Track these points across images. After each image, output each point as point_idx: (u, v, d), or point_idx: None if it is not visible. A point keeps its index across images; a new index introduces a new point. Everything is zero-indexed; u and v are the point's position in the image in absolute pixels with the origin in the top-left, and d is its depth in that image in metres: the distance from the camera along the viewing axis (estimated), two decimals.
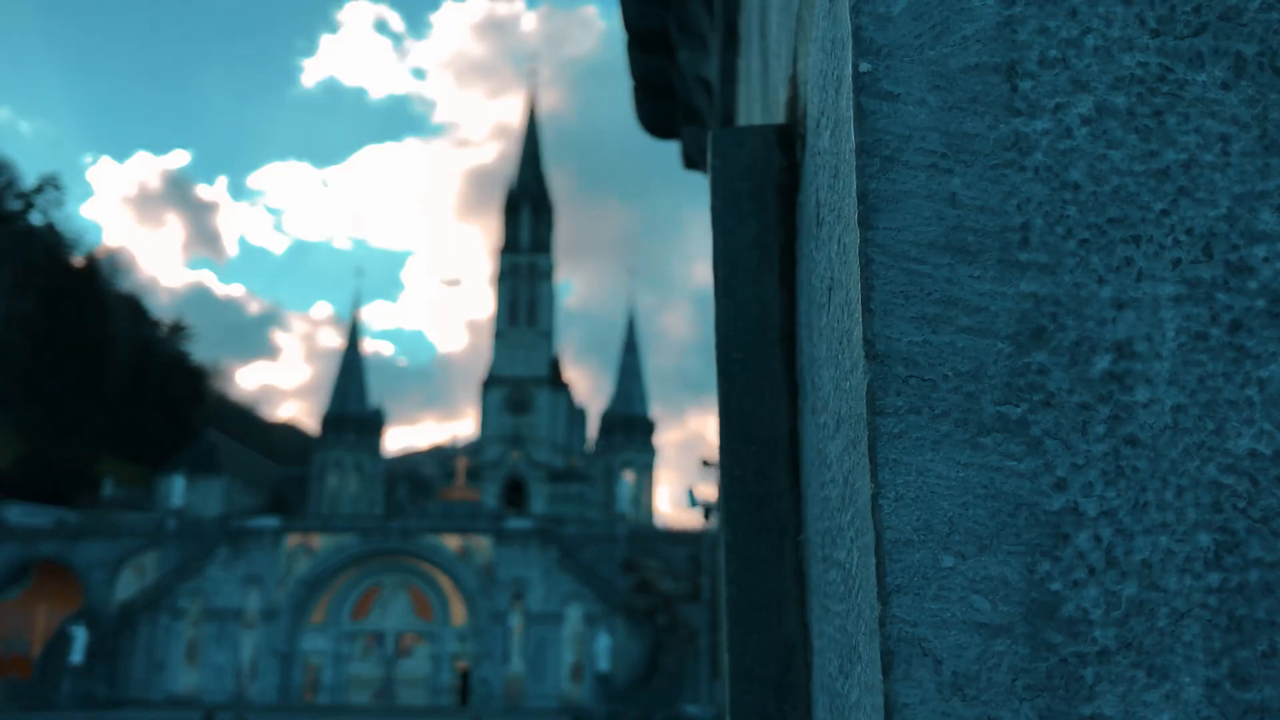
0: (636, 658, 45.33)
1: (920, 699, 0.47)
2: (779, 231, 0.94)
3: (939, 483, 0.49)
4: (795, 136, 0.92)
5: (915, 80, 0.54)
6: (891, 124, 0.53)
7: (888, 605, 0.48)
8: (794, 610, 0.86)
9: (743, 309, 0.93)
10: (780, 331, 0.92)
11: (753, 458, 0.90)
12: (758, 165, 0.96)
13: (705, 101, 3.00)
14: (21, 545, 47.22)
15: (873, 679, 0.51)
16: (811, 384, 0.77)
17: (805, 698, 0.84)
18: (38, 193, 71.99)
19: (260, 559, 46.58)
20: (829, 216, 0.66)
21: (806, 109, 0.83)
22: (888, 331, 0.51)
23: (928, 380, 0.50)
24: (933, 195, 0.52)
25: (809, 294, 0.80)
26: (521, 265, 77.61)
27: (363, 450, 67.80)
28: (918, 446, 0.49)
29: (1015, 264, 0.51)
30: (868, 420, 0.50)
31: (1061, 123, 0.53)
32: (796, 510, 0.88)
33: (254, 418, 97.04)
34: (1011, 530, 0.48)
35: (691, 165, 3.59)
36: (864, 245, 0.52)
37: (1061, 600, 0.47)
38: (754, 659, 0.85)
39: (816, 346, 0.74)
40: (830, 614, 0.68)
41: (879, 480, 0.49)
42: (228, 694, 44.64)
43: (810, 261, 0.77)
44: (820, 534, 0.73)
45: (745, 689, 0.85)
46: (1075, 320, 0.51)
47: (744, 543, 0.88)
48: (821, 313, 0.71)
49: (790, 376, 0.91)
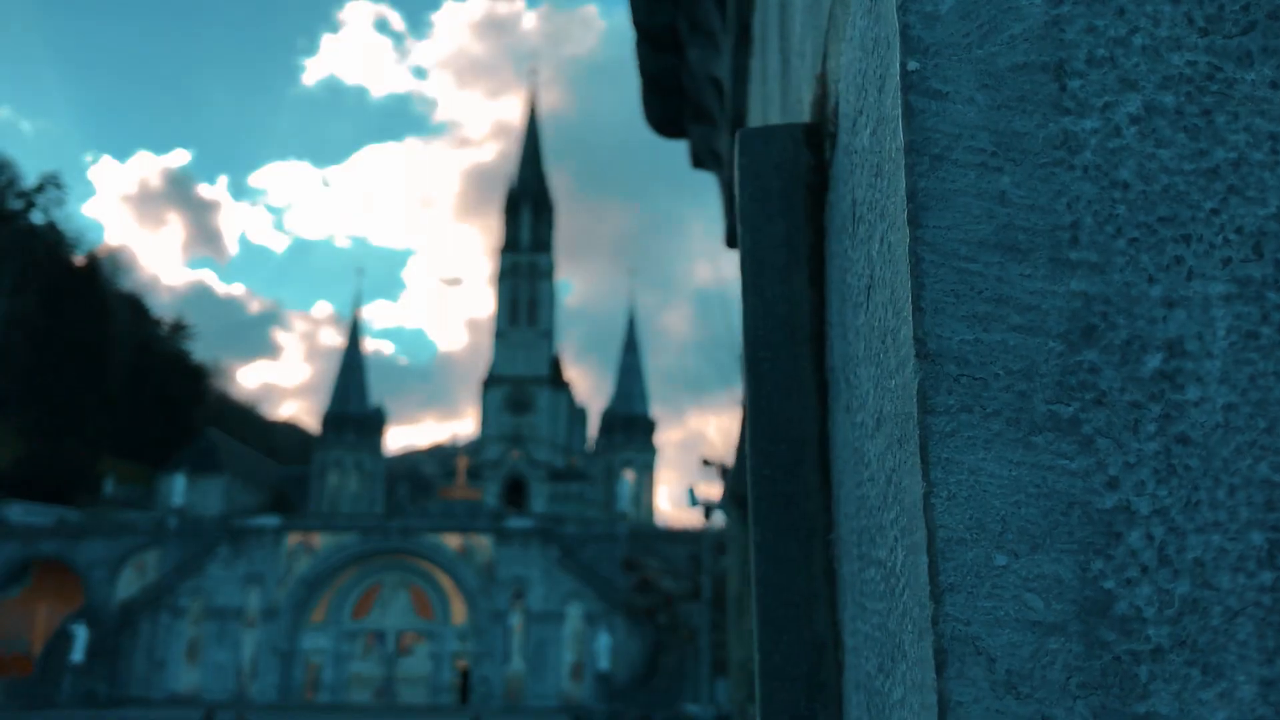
0: (636, 657, 45.33)
1: (974, 697, 0.47)
2: (807, 230, 0.94)
3: (991, 481, 0.49)
4: (824, 135, 0.92)
5: (963, 79, 0.54)
6: (940, 122, 0.53)
7: (940, 604, 0.48)
8: (824, 609, 0.86)
9: (771, 308, 0.93)
10: (809, 330, 0.92)
11: (782, 456, 0.90)
12: (785, 164, 0.96)
13: (715, 100, 3.00)
14: (22, 544, 47.24)
15: (922, 677, 0.51)
16: (846, 383, 0.77)
17: (836, 696, 0.84)
18: (39, 192, 71.99)
19: (261, 558, 46.60)
20: (869, 215, 0.66)
21: (839, 108, 0.83)
22: (939, 330, 0.51)
23: (979, 379, 0.50)
24: (982, 194, 0.52)
25: (842, 293, 0.80)
26: (522, 264, 77.58)
27: (363, 449, 67.80)
28: (970, 445, 0.49)
29: (1065, 262, 0.51)
30: (919, 419, 0.50)
31: (1110, 121, 0.53)
32: (826, 509, 0.88)
33: (255, 417, 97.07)
34: (1064, 529, 0.49)
35: (700, 164, 3.59)
36: (914, 244, 0.52)
37: (1115, 598, 0.47)
38: (784, 658, 0.85)
39: (852, 345, 0.74)
40: (867, 612, 0.68)
41: (931, 479, 0.49)
42: (228, 693, 44.65)
43: (845, 260, 0.77)
44: (856, 532, 0.73)
45: (776, 687, 0.85)
46: (1126, 319, 0.51)
47: (773, 542, 0.88)
48: (859, 311, 0.71)
49: (819, 375, 0.91)
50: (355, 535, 47.51)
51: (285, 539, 46.92)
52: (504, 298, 77.01)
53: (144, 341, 74.52)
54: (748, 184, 0.96)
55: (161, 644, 45.43)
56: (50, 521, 50.25)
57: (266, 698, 44.86)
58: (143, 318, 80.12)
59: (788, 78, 1.34)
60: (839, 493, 0.82)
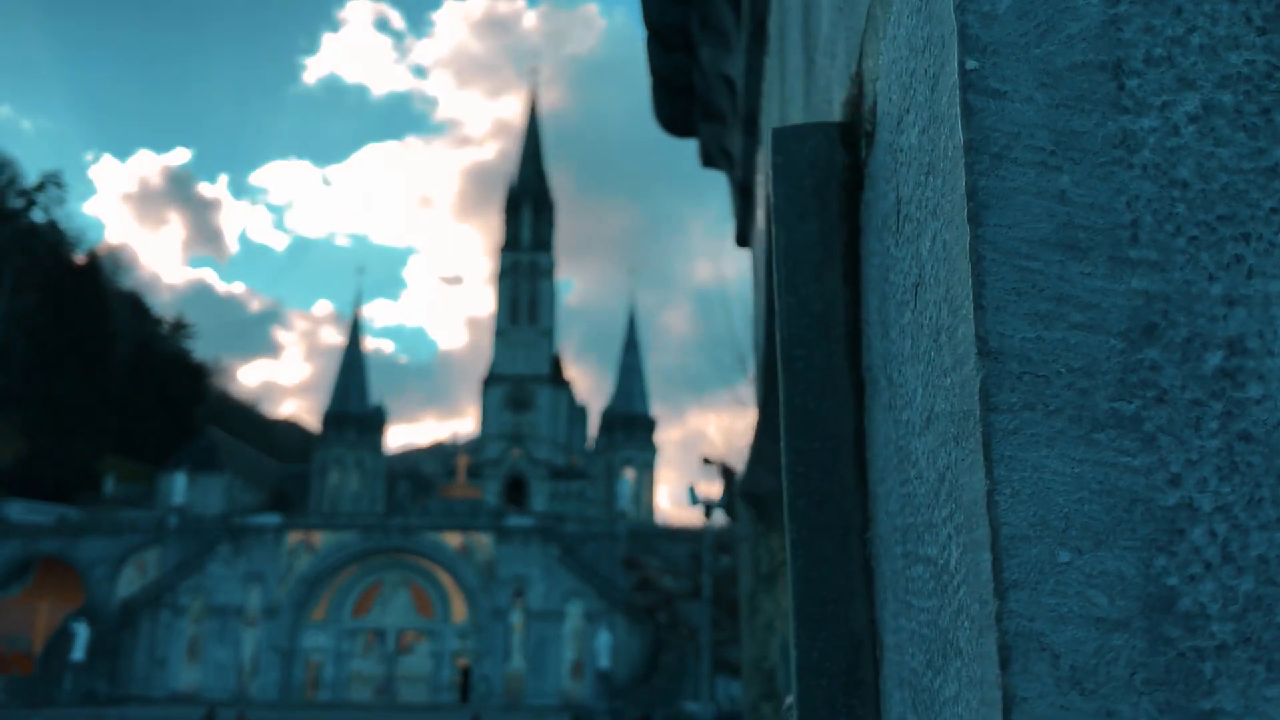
0: (637, 655, 45.38)
1: (1039, 693, 0.47)
2: (842, 228, 0.94)
3: (1054, 479, 0.49)
4: (860, 134, 0.93)
5: (1022, 78, 0.54)
6: (1000, 121, 0.54)
7: (1004, 600, 0.48)
8: (861, 606, 0.86)
9: (805, 305, 0.93)
10: (844, 328, 0.92)
11: (817, 454, 0.90)
12: (819, 162, 0.96)
13: (727, 99, 3.00)
14: (23, 542, 47.28)
15: (982, 673, 0.51)
16: (887, 381, 0.77)
17: (874, 693, 0.84)
18: (39, 190, 72.01)
19: (261, 556, 46.63)
20: (917, 213, 0.66)
21: (877, 106, 0.84)
22: (1000, 328, 0.51)
23: (1041, 377, 0.51)
24: (1042, 192, 0.53)
25: (882, 290, 0.80)
26: (522, 263, 77.61)
27: (364, 448, 67.85)
28: (1033, 443, 0.50)
29: (1125, 261, 0.52)
30: (981, 417, 0.51)
31: (1169, 120, 0.53)
32: (863, 506, 0.88)
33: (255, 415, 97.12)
34: (1127, 525, 0.49)
35: (709, 163, 3.59)
36: (974, 242, 0.52)
37: (1178, 595, 0.48)
38: (821, 654, 0.86)
39: (896, 343, 0.74)
40: (914, 609, 0.68)
41: (994, 476, 0.50)
42: (229, 691, 44.69)
43: (887, 258, 0.77)
44: (899, 530, 0.73)
45: (813, 684, 0.85)
46: (1186, 317, 0.51)
47: (809, 539, 0.89)
48: (904, 309, 0.71)
49: (855, 373, 0.91)
50: (356, 534, 47.53)
51: (286, 537, 46.94)
52: (504, 296, 77.04)
53: (145, 340, 74.57)
54: (782, 182, 0.97)
55: (162, 642, 45.47)
56: (51, 520, 50.27)
57: (267, 696, 44.90)
58: (143, 316, 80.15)
59: (813, 76, 1.34)
60: (878, 490, 0.82)
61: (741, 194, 3.14)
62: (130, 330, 71.51)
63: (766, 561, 2.22)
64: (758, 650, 2.21)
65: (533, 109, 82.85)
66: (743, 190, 3.10)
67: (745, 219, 3.31)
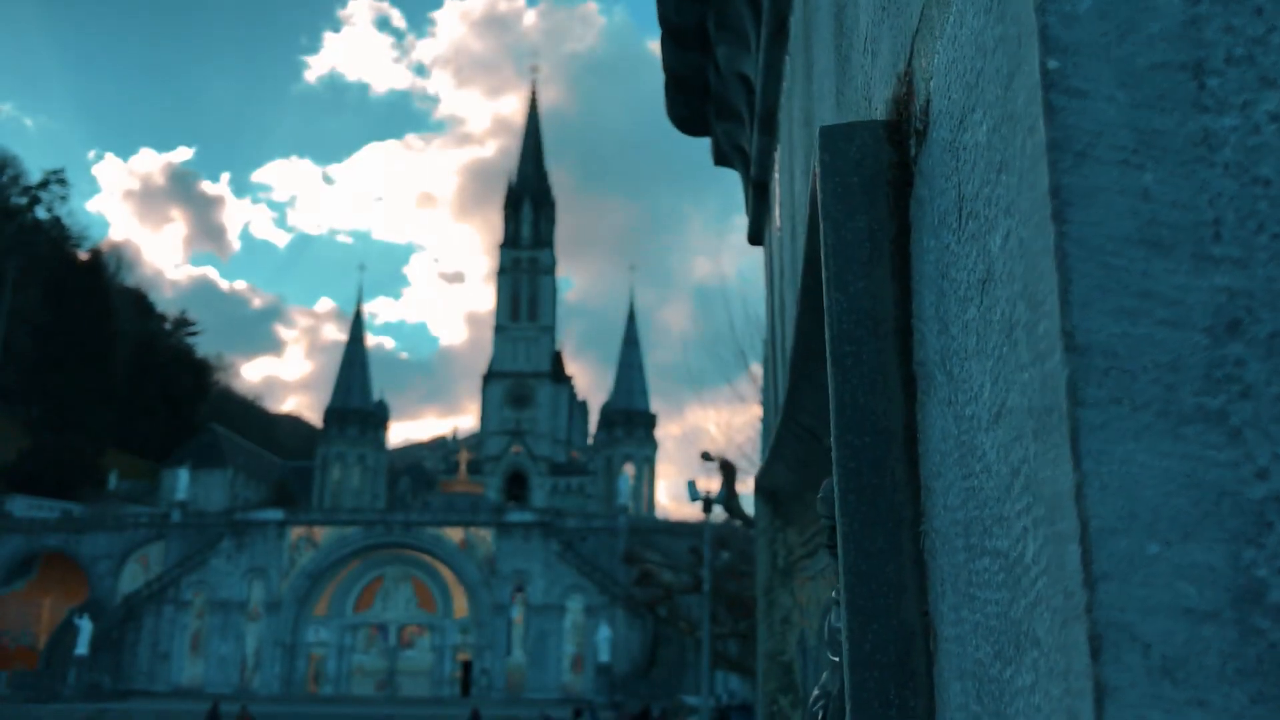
0: (636, 649, 45.50)
1: (1130, 682, 0.48)
2: (890, 225, 0.95)
3: (1142, 472, 0.50)
4: (908, 132, 0.93)
5: (1103, 78, 0.55)
6: (1082, 120, 0.54)
7: (1095, 591, 0.49)
8: (913, 599, 0.87)
9: (854, 302, 0.94)
10: (893, 324, 0.93)
11: (868, 450, 0.91)
12: (867, 160, 0.97)
13: (742, 98, 3.00)
14: (27, 537, 47.37)
15: (1067, 663, 0.52)
16: (947, 376, 0.78)
17: (926, 684, 0.85)
18: (42, 188, 72.02)
19: (264, 551, 46.71)
20: (986, 210, 0.67)
21: (931, 104, 0.84)
22: (1087, 324, 0.52)
23: (1128, 372, 0.51)
24: (1125, 190, 0.53)
25: (940, 287, 0.81)
26: (523, 260, 77.63)
27: (365, 443, 67.95)
28: (1120, 437, 0.51)
29: (1209, 258, 0.52)
30: (1068, 411, 0.51)
31: (1250, 119, 0.54)
32: (914, 501, 0.89)
33: (258, 411, 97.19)
34: (1214, 518, 0.50)
35: (722, 161, 3.59)
36: (1059, 239, 0.53)
37: (1267, 587, 0.49)
38: (873, 646, 0.87)
39: (957, 339, 0.75)
40: (978, 601, 0.69)
41: (1083, 470, 0.50)
42: (232, 685, 44.81)
43: (946, 255, 0.78)
44: (961, 524, 0.74)
45: (865, 675, 0.86)
46: (1270, 313, 0.52)
47: (860, 533, 0.90)
48: (967, 305, 0.72)
49: (905, 369, 0.92)
50: (358, 529, 47.61)
51: (288, 532, 47.03)
52: (505, 293, 77.09)
53: (148, 337, 74.62)
54: (829, 179, 0.97)
55: (165, 637, 45.60)
56: (55, 515, 50.35)
57: (269, 690, 45.03)
58: (146, 313, 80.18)
59: (847, 74, 1.34)
60: (933, 484, 0.83)
61: (756, 192, 3.14)
62: (133, 327, 71.55)
63: (783, 556, 2.23)
64: (775, 643, 2.22)
65: (533, 107, 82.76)
66: (757, 188, 3.10)
67: (759, 217, 3.31)
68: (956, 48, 0.76)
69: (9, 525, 47.45)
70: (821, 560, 1.94)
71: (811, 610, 2.06)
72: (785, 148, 2.44)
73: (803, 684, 2.23)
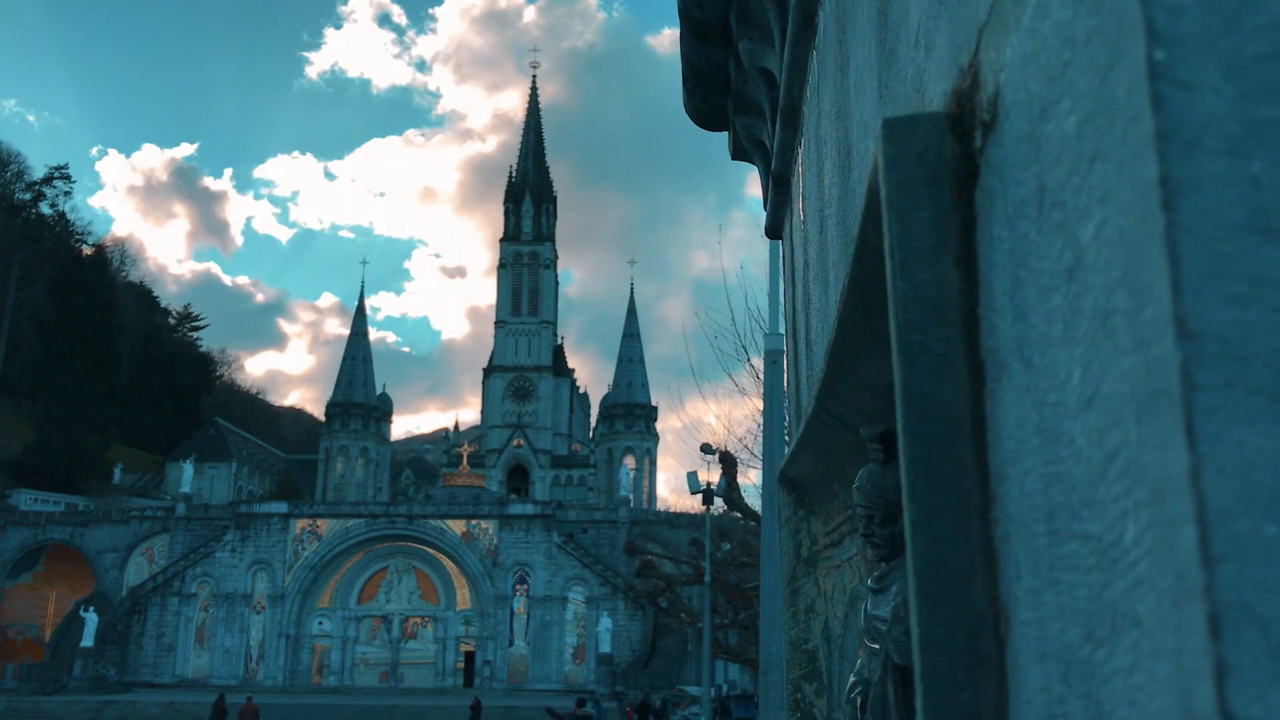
0: (637, 639, 45.67)
1: (1252, 661, 0.49)
2: (954, 216, 0.96)
3: (1257, 455, 0.51)
4: (973, 124, 0.94)
5: (1209, 69, 0.56)
6: (1189, 111, 0.55)
7: (1214, 572, 0.50)
8: (982, 585, 0.89)
9: (920, 292, 0.95)
10: (959, 313, 0.94)
11: (935, 437, 0.92)
12: (930, 151, 0.98)
13: (763, 92, 3.01)
14: (33, 531, 47.52)
15: (1178, 644, 0.53)
16: (1023, 364, 0.79)
17: (997, 668, 0.86)
18: (46, 183, 71.99)
19: (268, 544, 46.86)
20: (1073, 200, 0.68)
21: (1003, 96, 0.85)
22: (1200, 310, 0.53)
23: (1240, 357, 0.52)
24: (1234, 179, 0.54)
25: (1016, 276, 0.82)
26: (524, 254, 77.58)
27: (368, 437, 68.04)
28: (1234, 421, 0.52)
29: None
30: (1182, 396, 0.52)
31: None
32: (982, 488, 0.90)
33: (261, 405, 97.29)
34: None
35: (739, 155, 3.59)
36: (1169, 228, 0.54)
37: None
38: (944, 630, 0.88)
39: (1038, 327, 0.76)
40: (1065, 585, 0.70)
41: (1199, 453, 0.51)
42: (236, 676, 45.00)
43: (1024, 244, 0.79)
44: (1043, 509, 0.75)
45: (936, 659, 0.88)
46: None
47: (929, 520, 0.91)
48: (1050, 294, 0.73)
49: (972, 358, 0.93)
50: (361, 521, 47.73)
51: (292, 525, 47.15)
52: (506, 287, 77.06)
53: (152, 331, 74.67)
54: (893, 172, 0.98)
55: (170, 629, 45.78)
56: (60, 509, 50.46)
57: (274, 681, 45.22)
58: (151, 308, 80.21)
59: (894, 68, 1.35)
60: (1007, 471, 0.84)
61: (776, 186, 3.14)
62: (138, 322, 71.61)
63: (807, 545, 2.24)
64: (799, 632, 2.24)
65: (533, 102, 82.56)
66: (778, 182, 3.11)
67: (779, 210, 3.31)
68: (1036, 40, 0.77)
69: (15, 519, 47.59)
70: (848, 549, 1.96)
71: (836, 599, 2.08)
72: (811, 142, 2.44)
73: (827, 671, 2.24)
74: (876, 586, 1.59)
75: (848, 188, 1.75)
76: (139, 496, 56.92)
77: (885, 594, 1.54)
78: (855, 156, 1.68)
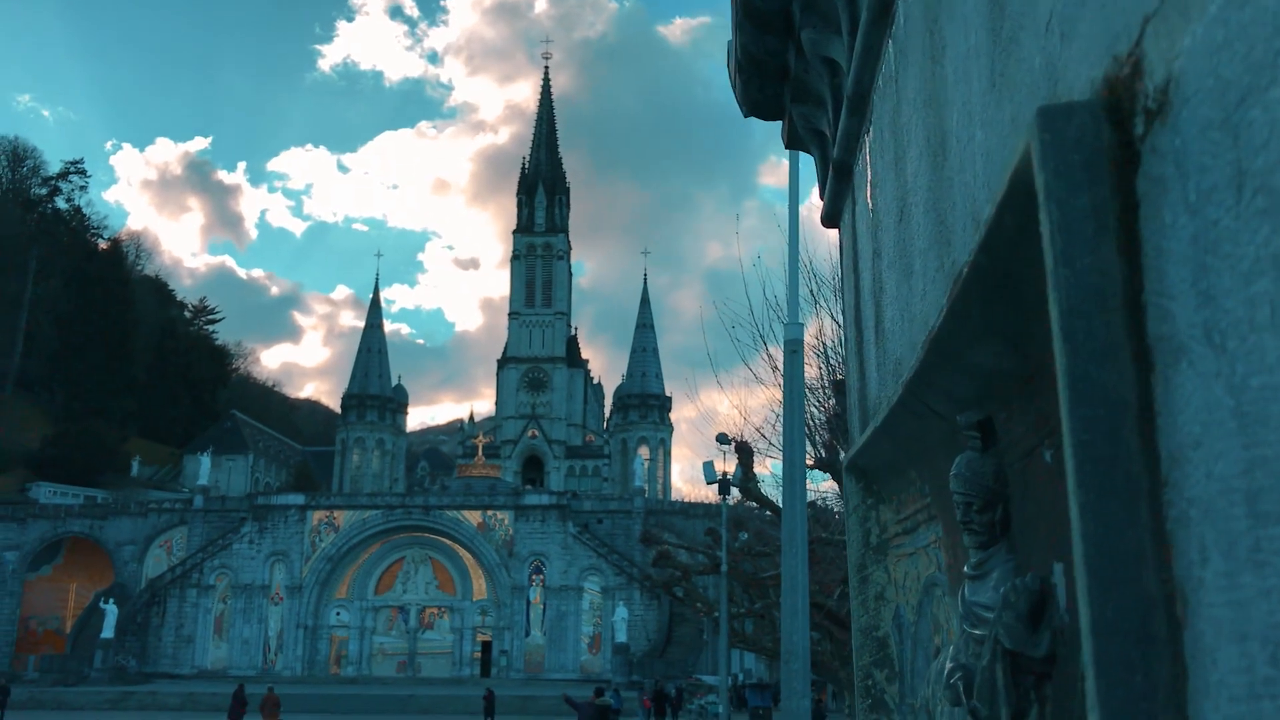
0: (653, 629, 45.83)
1: None
2: (1113, 202, 0.97)
3: None
4: (1135, 110, 0.95)
5: None
6: None
7: None
8: (1152, 568, 0.90)
9: (1082, 278, 0.96)
10: (1121, 299, 0.95)
11: (1101, 422, 0.93)
12: (1087, 139, 0.99)
13: (825, 82, 3.00)
14: (52, 523, 48.04)
15: None
16: (1214, 350, 0.80)
17: (1171, 649, 0.88)
18: (62, 178, 72.47)
19: (286, 535, 47.21)
20: None
21: (1181, 83, 0.86)
22: None
23: None
24: None
25: (1201, 263, 0.83)
26: (537, 246, 77.59)
27: (384, 428, 68.41)
28: None
29: None
30: None
31: None
32: (1150, 471, 0.92)
33: (277, 397, 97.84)
34: None
35: (794, 144, 3.59)
36: None
37: None
38: (1116, 612, 0.90)
39: (1237, 313, 0.77)
40: (1270, 568, 0.72)
41: None
42: (255, 667, 45.43)
43: (1215, 230, 0.80)
44: (1243, 493, 0.76)
45: (1108, 640, 0.89)
46: None
47: (1097, 504, 0.92)
48: (1252, 280, 0.74)
49: (1136, 342, 0.94)
50: (378, 512, 48.01)
51: (309, 516, 47.49)
52: (520, 279, 77.14)
53: (168, 324, 75.15)
54: (1049, 159, 0.99)
55: (189, 620, 46.24)
56: (79, 502, 51.01)
57: (292, 671, 45.63)
58: (167, 301, 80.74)
59: (1013, 55, 1.36)
60: (1188, 455, 0.85)
61: (837, 174, 3.14)
62: (153, 315, 72.09)
63: (876, 534, 2.26)
64: (869, 619, 2.26)
65: (545, 93, 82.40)
66: (839, 171, 3.11)
67: (838, 199, 3.31)
68: (1226, 28, 0.78)
69: (35, 511, 48.14)
70: (923, 537, 1.97)
71: (908, 586, 2.09)
72: (886, 130, 2.45)
73: (898, 659, 2.26)
74: (975, 573, 1.60)
75: (942, 175, 1.75)
76: (157, 489, 57.46)
77: (985, 580, 1.56)
78: (952, 145, 1.68)
